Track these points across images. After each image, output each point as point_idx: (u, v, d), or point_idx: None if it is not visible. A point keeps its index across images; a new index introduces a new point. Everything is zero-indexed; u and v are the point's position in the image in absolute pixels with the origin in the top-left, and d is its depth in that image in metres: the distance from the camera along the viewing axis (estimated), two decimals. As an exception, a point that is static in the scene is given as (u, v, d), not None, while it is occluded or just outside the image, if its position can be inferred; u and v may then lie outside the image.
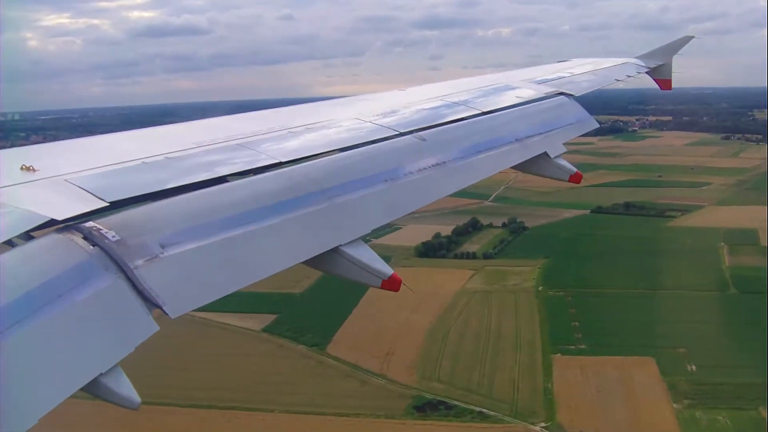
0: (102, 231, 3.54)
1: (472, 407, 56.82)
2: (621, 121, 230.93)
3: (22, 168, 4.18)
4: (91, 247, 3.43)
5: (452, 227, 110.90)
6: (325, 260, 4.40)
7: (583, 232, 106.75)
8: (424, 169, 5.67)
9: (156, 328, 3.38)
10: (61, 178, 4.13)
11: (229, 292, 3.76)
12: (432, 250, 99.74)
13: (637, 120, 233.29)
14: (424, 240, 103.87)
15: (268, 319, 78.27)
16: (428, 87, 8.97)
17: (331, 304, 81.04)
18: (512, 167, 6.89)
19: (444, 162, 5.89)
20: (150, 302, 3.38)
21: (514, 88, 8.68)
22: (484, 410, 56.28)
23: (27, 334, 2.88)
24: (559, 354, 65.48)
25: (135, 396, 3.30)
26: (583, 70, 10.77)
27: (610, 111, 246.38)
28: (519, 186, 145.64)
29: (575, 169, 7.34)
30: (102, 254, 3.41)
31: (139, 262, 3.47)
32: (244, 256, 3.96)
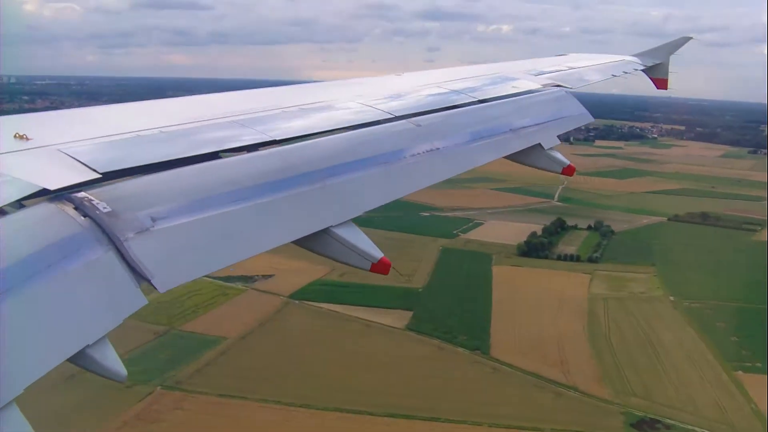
0: (94, 202, 3.49)
1: (695, 428, 53.64)
2: (638, 128, 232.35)
3: (15, 136, 4.10)
4: (83, 218, 3.39)
5: (532, 225, 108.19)
6: (316, 241, 4.31)
7: (676, 240, 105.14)
8: (418, 154, 5.57)
9: (144, 301, 3.23)
10: (54, 147, 4.04)
11: (219, 269, 3.67)
12: (533, 250, 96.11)
13: (652, 127, 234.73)
14: (515, 238, 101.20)
15: (403, 315, 73.45)
16: (425, 73, 8.71)
17: (462, 302, 77.55)
18: (506, 157, 6.68)
19: (438, 148, 5.79)
20: (139, 275, 3.29)
21: (511, 79, 8.45)
22: (707, 432, 53.26)
23: (16, 303, 2.84)
24: (740, 372, 63.02)
25: (122, 369, 3.07)
26: (581, 65, 10.47)
27: (617, 116, 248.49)
28: (575, 187, 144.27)
29: (568, 162, 6.96)
30: (93, 225, 3.36)
31: (130, 234, 3.41)
32: (235, 233, 3.89)
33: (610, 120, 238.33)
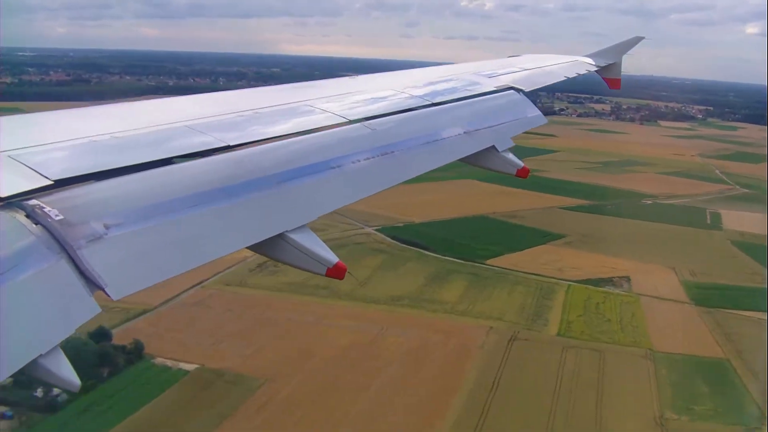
0: (45, 210, 3.42)
1: None
2: (675, 108, 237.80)
3: None
4: (34, 225, 3.32)
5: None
6: (271, 246, 4.28)
7: None
8: (373, 158, 5.55)
9: (98, 309, 3.18)
10: (4, 153, 3.91)
11: (173, 275, 3.61)
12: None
13: (683, 107, 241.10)
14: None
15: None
16: (379, 77, 8.83)
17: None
18: (460, 160, 6.76)
19: (392, 152, 5.79)
20: (92, 283, 3.23)
21: (464, 81, 8.61)
22: None
23: None
24: None
25: (75, 378, 3.04)
26: (534, 66, 10.78)
27: (636, 95, 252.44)
28: (724, 171, 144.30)
29: (522, 164, 7.17)
30: (45, 233, 3.30)
31: (83, 242, 3.35)
32: (189, 239, 3.85)
33: (646, 100, 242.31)
